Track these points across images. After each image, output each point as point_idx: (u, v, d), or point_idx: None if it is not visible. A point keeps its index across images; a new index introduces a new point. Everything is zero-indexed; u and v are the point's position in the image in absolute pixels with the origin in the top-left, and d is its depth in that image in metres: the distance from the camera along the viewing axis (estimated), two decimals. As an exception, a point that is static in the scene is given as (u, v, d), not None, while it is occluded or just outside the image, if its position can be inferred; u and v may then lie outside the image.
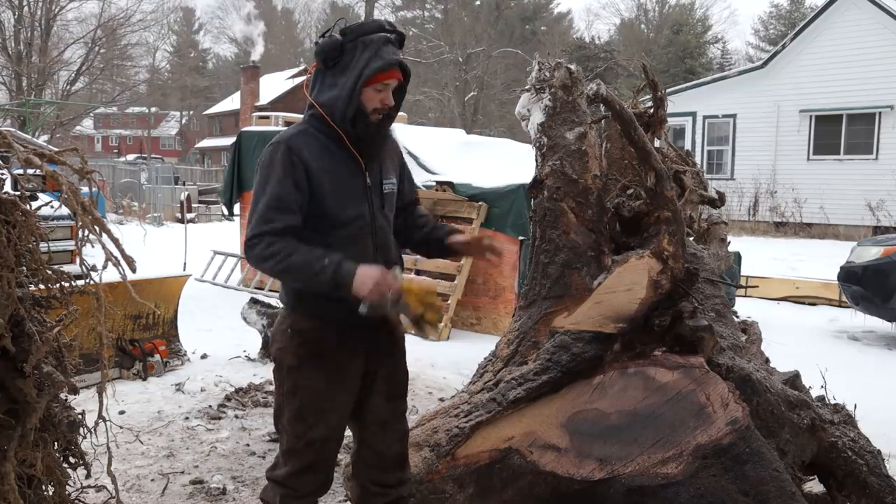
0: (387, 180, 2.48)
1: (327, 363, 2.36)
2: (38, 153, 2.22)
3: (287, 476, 2.41)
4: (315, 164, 2.30)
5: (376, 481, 2.49)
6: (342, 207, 2.34)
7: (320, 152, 2.32)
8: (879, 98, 17.07)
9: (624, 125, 3.01)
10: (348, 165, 2.37)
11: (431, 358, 6.24)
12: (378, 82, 2.31)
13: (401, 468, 2.52)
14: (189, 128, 63.03)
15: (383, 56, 2.29)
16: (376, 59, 2.27)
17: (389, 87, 2.35)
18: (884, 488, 3.00)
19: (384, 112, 2.36)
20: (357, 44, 2.29)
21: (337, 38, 2.29)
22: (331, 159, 2.34)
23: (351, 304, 2.21)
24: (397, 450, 2.52)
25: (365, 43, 2.28)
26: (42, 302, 2.39)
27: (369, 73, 2.27)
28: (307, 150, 2.31)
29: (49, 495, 2.43)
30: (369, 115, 2.33)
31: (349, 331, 2.38)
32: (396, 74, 2.35)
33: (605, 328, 2.82)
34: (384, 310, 2.19)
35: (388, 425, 2.50)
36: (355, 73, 2.28)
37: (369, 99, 2.31)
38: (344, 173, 2.36)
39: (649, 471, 2.58)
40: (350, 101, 2.29)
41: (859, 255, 7.66)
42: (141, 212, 21.20)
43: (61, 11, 28.98)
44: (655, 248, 2.88)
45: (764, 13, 50.27)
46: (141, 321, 5.63)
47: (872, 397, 4.71)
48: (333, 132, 2.34)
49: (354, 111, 2.30)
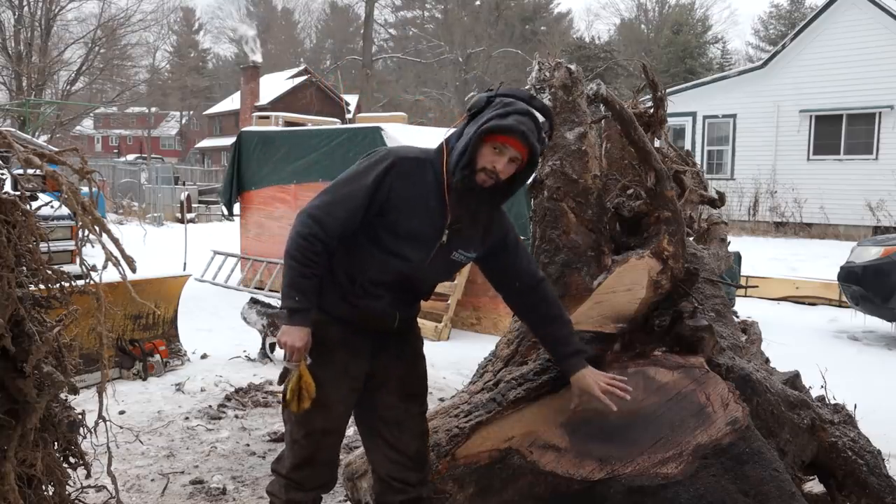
0: (463, 250, 2.42)
1: (331, 358, 2.39)
2: (38, 153, 2.22)
3: (290, 469, 2.46)
4: (402, 195, 2.30)
5: (399, 478, 2.51)
6: (402, 244, 2.34)
7: (416, 188, 2.32)
8: (879, 98, 17.07)
9: (624, 125, 3.01)
10: (433, 214, 2.33)
11: (431, 358, 6.17)
12: (496, 141, 2.24)
13: (421, 468, 2.54)
14: (189, 128, 63.02)
15: (509, 119, 2.22)
16: (500, 119, 2.23)
17: (507, 153, 2.25)
18: (884, 488, 3.00)
19: (493, 177, 2.27)
20: (497, 102, 2.28)
21: (486, 95, 2.31)
22: (421, 199, 2.32)
23: (356, 305, 2.37)
24: (416, 447, 2.53)
25: (504, 104, 2.27)
26: (42, 302, 2.39)
27: (488, 128, 2.22)
28: (407, 179, 2.31)
29: (49, 495, 2.43)
30: (477, 172, 2.27)
31: (354, 330, 2.41)
32: (517, 144, 2.24)
33: (605, 328, 2.82)
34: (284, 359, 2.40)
35: (403, 425, 2.52)
36: (479, 123, 2.26)
37: (482, 155, 2.26)
38: (425, 218, 2.33)
39: (649, 471, 2.58)
40: (465, 149, 2.26)
41: (859, 255, 7.66)
42: (141, 212, 21.21)
43: (61, 11, 28.99)
44: (655, 248, 2.88)
45: (764, 13, 50.39)
46: (141, 321, 5.64)
47: (872, 397, 4.71)
48: (441, 178, 2.32)
49: (467, 161, 2.26)
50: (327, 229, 2.29)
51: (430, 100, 39.35)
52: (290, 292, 2.30)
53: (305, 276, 2.30)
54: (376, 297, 2.40)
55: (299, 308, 2.30)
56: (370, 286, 2.38)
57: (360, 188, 2.30)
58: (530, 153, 2.27)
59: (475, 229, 2.42)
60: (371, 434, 2.58)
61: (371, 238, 2.35)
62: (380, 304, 2.41)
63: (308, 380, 2.32)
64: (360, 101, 36.57)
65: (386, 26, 48.49)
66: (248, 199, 10.29)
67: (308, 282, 2.30)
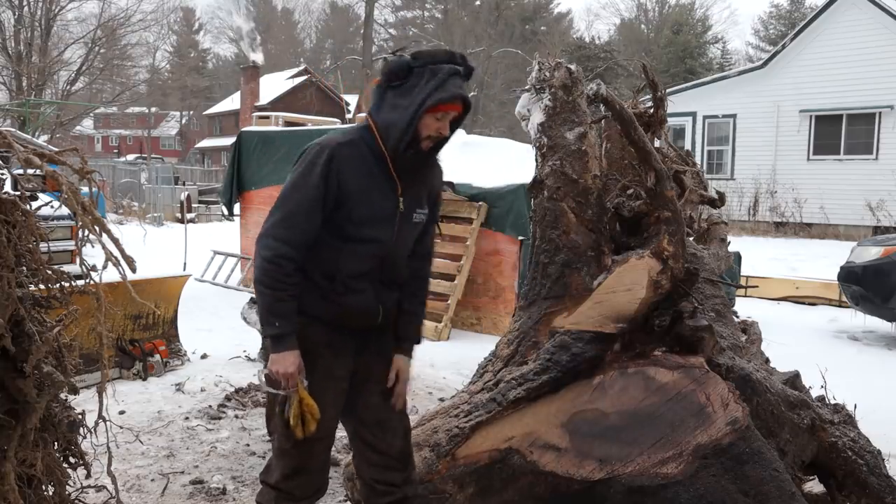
0: (419, 210, 2.48)
1: (315, 362, 2.35)
2: (38, 153, 2.22)
3: (280, 479, 2.41)
4: (352, 182, 2.31)
5: (381, 480, 2.49)
6: (366, 228, 2.35)
7: (361, 170, 2.33)
8: (879, 98, 17.06)
9: (624, 125, 3.01)
10: (385, 189, 2.37)
11: (431, 358, 6.24)
12: (439, 111, 2.30)
13: (405, 467, 2.52)
14: (189, 128, 63.03)
15: (448, 88, 2.28)
16: (441, 90, 2.27)
17: (448, 116, 2.34)
18: (884, 488, 3.00)
19: (436, 140, 2.36)
20: (425, 70, 2.28)
21: (406, 60, 2.29)
22: (369, 179, 2.34)
23: (339, 304, 2.35)
24: (399, 447, 2.51)
25: (433, 71, 2.28)
26: (42, 302, 2.39)
27: (432, 103, 2.27)
28: (349, 164, 2.31)
29: (49, 495, 2.43)
30: (421, 142, 2.33)
31: (337, 329, 2.38)
32: (458, 107, 2.34)
33: (605, 328, 2.82)
34: (273, 389, 2.33)
35: (387, 424, 2.50)
36: (419, 99, 2.27)
37: (426, 126, 2.31)
38: (378, 196, 2.36)
39: (649, 471, 2.58)
40: (409, 126, 2.29)
41: (859, 255, 7.66)
42: (141, 212, 21.20)
43: (61, 11, 28.98)
44: (655, 248, 2.88)
45: (764, 13, 50.39)
46: (141, 321, 5.63)
47: (872, 397, 4.71)
48: (380, 153, 2.34)
49: (411, 137, 2.30)
50: (294, 244, 2.28)
51: (430, 100, 39.30)
52: (270, 319, 2.28)
53: (281, 299, 2.27)
54: (359, 291, 2.38)
55: (282, 333, 2.28)
56: (350, 281, 2.36)
57: (310, 190, 2.28)
58: (465, 106, 2.37)
59: (422, 186, 2.49)
60: (353, 437, 2.56)
61: (335, 233, 2.34)
62: (363, 297, 2.39)
63: (309, 402, 2.29)
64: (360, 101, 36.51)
65: (386, 26, 48.50)
66: (248, 199, 10.29)
67: (285, 305, 2.28)
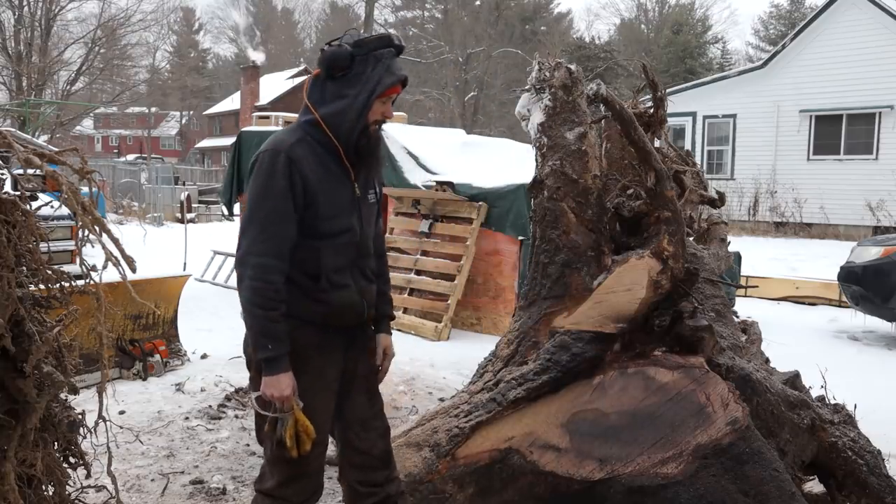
0: (372, 191, 2.51)
1: (306, 365, 2.33)
2: (38, 153, 2.22)
3: (275, 487, 2.37)
4: (313, 180, 2.29)
5: (364, 481, 2.48)
6: (335, 220, 2.35)
7: (317, 165, 2.32)
8: (879, 98, 17.07)
9: (624, 125, 3.01)
10: (340, 178, 2.38)
11: (431, 358, 6.24)
12: (385, 96, 2.32)
13: (387, 466, 2.51)
14: (189, 128, 63.04)
15: (395, 72, 2.31)
16: (390, 75, 2.29)
17: (391, 99, 2.37)
18: (884, 488, 3.00)
19: (381, 122, 2.38)
20: (369, 58, 2.28)
21: (347, 49, 2.27)
22: (326, 172, 2.34)
23: (327, 302, 2.33)
24: (381, 447, 2.50)
25: (377, 57, 2.28)
26: (42, 302, 2.39)
27: (382, 89, 2.28)
28: (306, 163, 2.29)
29: (49, 495, 2.43)
30: (370, 127, 2.34)
31: (326, 331, 2.37)
32: (400, 88, 2.37)
33: (605, 328, 2.82)
34: (266, 410, 2.29)
35: (369, 424, 2.50)
36: (368, 87, 2.27)
37: (373, 112, 2.32)
38: (337, 186, 2.36)
39: (649, 471, 2.58)
40: (360, 115, 2.30)
41: (859, 255, 7.66)
42: (141, 212, 21.20)
43: (61, 11, 28.98)
44: (655, 248, 2.88)
45: (764, 13, 50.36)
46: (141, 321, 5.63)
47: (872, 397, 4.71)
48: (331, 144, 2.33)
49: (364, 125, 2.31)
50: (276, 254, 2.26)
51: (430, 100, 39.32)
52: (263, 341, 2.24)
53: (273, 319, 2.24)
54: (343, 286, 2.37)
55: (276, 356, 2.24)
56: (335, 276, 2.35)
57: (279, 198, 2.26)
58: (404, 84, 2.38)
59: (373, 167, 2.50)
60: (338, 439, 2.55)
61: (309, 233, 2.32)
62: (348, 292, 2.38)
63: (305, 423, 2.27)
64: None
65: (386, 26, 48.50)
66: (247, 199, 10.29)
67: (277, 326, 2.25)
